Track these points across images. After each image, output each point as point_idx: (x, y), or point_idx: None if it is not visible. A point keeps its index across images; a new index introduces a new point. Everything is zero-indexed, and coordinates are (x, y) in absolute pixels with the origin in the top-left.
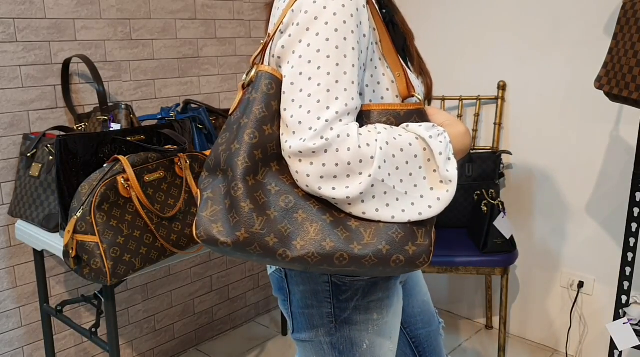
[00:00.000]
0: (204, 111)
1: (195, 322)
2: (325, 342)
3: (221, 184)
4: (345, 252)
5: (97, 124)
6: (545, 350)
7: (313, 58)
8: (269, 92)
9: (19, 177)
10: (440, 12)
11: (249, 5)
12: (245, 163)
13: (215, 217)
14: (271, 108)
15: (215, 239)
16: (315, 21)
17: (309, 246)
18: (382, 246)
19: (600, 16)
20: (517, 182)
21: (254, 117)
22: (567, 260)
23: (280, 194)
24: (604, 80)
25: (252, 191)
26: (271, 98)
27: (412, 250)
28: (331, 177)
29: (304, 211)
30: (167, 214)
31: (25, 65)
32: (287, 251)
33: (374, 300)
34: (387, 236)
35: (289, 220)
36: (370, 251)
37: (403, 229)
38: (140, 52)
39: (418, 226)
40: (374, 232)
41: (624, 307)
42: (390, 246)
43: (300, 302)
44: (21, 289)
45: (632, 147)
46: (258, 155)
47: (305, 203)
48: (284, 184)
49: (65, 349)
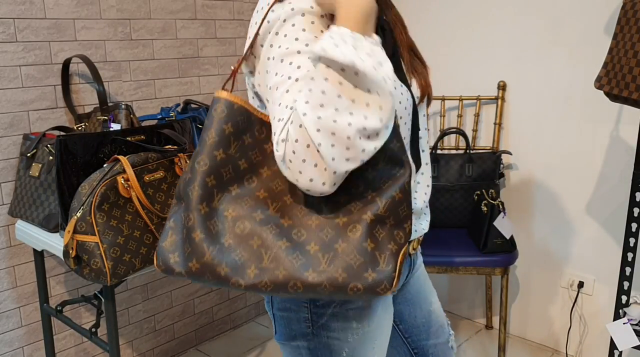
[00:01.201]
0: (204, 111)
1: (195, 322)
2: (303, 347)
3: (183, 214)
4: (298, 280)
5: (97, 124)
6: (545, 350)
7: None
8: (220, 117)
9: (19, 177)
10: (440, 12)
11: (249, 5)
12: (198, 191)
13: (173, 247)
14: (222, 132)
15: (172, 269)
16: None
17: (262, 275)
18: (337, 274)
19: (600, 16)
20: (517, 182)
21: (204, 144)
22: (567, 260)
23: (236, 220)
24: (604, 80)
25: (205, 220)
26: (222, 122)
27: (372, 277)
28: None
29: (259, 237)
30: (167, 214)
31: (25, 65)
32: (240, 280)
33: (353, 308)
34: (344, 262)
35: (243, 247)
36: (324, 279)
37: (363, 255)
38: (140, 52)
39: (380, 251)
40: (332, 258)
41: (624, 307)
42: (347, 273)
43: (280, 304)
44: (21, 289)
45: (632, 147)
46: (211, 182)
47: (261, 228)
48: (241, 208)
49: (65, 349)
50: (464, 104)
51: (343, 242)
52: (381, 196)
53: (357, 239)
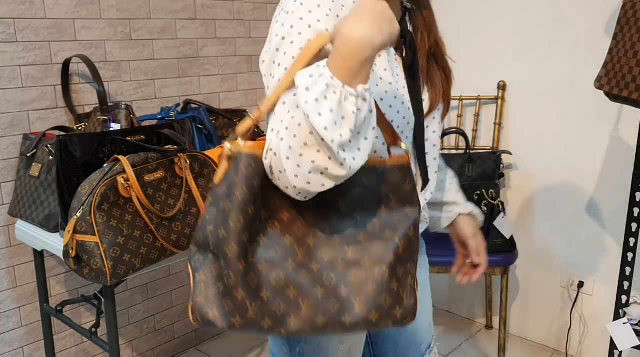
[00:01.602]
0: (204, 111)
1: None
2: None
3: (212, 265)
4: (337, 325)
5: (97, 124)
6: (545, 350)
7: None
8: (249, 172)
9: (19, 177)
10: (440, 12)
11: (249, 5)
12: (235, 249)
13: (210, 302)
14: (253, 187)
15: (212, 324)
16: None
17: (302, 323)
18: (371, 316)
19: (600, 16)
20: (517, 182)
21: (237, 201)
22: (567, 260)
23: (270, 272)
24: (604, 80)
25: (244, 276)
26: (251, 178)
27: (400, 313)
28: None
29: (295, 286)
30: (167, 214)
31: (25, 65)
32: (282, 329)
33: None
34: (375, 303)
35: (280, 298)
36: (360, 321)
37: (391, 295)
38: (140, 52)
39: (403, 288)
40: (364, 301)
41: (624, 307)
42: (379, 313)
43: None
44: (21, 289)
45: (632, 147)
46: (246, 238)
47: (295, 277)
48: (273, 259)
49: (65, 349)
50: (464, 104)
51: (371, 284)
52: (397, 234)
53: (384, 281)
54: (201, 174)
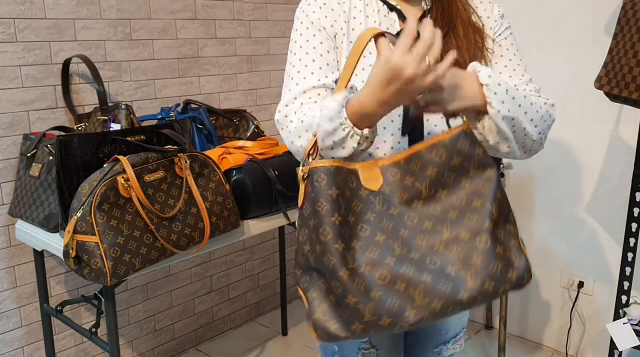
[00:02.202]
0: (204, 111)
1: (195, 322)
2: None
3: (319, 281)
4: (455, 304)
5: (97, 124)
6: (545, 350)
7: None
8: (324, 184)
9: (19, 177)
10: None
11: (249, 5)
12: (334, 260)
13: (327, 316)
14: (331, 198)
15: (336, 336)
16: None
17: (421, 312)
18: (486, 286)
19: (600, 16)
20: (517, 182)
21: (321, 215)
22: (567, 260)
23: (374, 272)
24: (604, 80)
25: (350, 283)
26: (327, 189)
27: (515, 275)
28: None
29: (402, 279)
30: (167, 214)
31: (25, 65)
32: (403, 323)
33: None
34: (488, 273)
35: (392, 294)
36: (477, 294)
37: (499, 260)
38: (140, 52)
39: (509, 250)
40: (474, 273)
41: (624, 307)
42: (494, 281)
43: None
44: (21, 289)
45: (632, 147)
46: (340, 246)
47: (399, 270)
48: (372, 260)
49: (65, 349)
50: None
51: (477, 256)
52: (487, 200)
53: (488, 249)
54: (201, 174)
